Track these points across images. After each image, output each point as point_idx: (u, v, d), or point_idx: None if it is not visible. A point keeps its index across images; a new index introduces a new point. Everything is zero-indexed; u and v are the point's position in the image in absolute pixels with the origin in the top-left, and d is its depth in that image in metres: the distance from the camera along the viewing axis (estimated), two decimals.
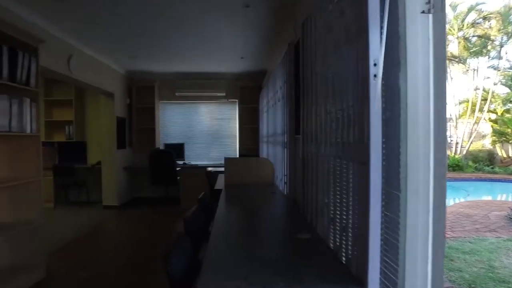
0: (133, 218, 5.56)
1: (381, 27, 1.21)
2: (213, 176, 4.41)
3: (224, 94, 6.99)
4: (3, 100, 2.67)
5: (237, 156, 6.82)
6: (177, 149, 6.69)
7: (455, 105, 14.43)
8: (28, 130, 2.99)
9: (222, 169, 6.28)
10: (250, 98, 6.87)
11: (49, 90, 6.61)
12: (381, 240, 1.24)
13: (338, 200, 1.57)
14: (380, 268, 1.22)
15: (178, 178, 6.36)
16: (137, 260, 3.64)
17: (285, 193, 3.23)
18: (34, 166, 3.13)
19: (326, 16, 1.82)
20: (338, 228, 1.57)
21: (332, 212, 1.64)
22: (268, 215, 2.34)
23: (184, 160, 6.84)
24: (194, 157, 7.12)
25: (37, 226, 3.13)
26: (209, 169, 6.41)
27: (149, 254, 3.81)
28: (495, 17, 12.92)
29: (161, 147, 7.00)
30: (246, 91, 6.87)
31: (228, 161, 3.81)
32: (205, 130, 7.22)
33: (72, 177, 6.10)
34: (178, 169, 6.33)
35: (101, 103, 6.15)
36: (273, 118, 4.39)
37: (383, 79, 1.22)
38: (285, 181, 3.35)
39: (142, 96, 6.90)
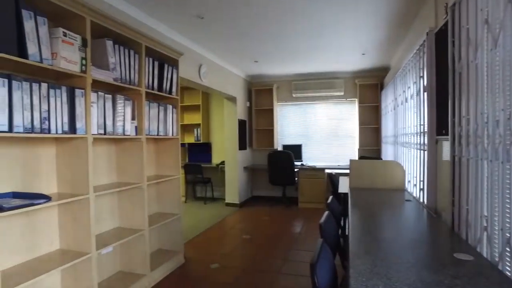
0: (253, 216, 5.80)
1: None
2: (335, 178, 4.24)
3: (342, 93, 6.74)
4: (154, 108, 3.07)
5: (357, 158, 6.48)
6: (295, 150, 6.73)
7: None
8: (170, 133, 3.38)
9: (342, 171, 6.15)
10: (370, 97, 6.46)
11: (181, 96, 7.46)
12: None
13: None
14: None
15: (296, 179, 6.39)
16: (259, 257, 3.75)
17: (422, 201, 2.87)
18: (175, 165, 3.52)
19: None
20: None
21: (508, 231, 1.34)
22: (409, 226, 2.08)
23: (301, 161, 6.84)
24: (312, 158, 7.06)
25: (177, 217, 3.50)
26: (328, 171, 6.29)
27: (270, 253, 3.89)
28: None
29: (279, 148, 7.16)
30: (365, 90, 6.48)
31: (354, 163, 3.60)
32: (323, 131, 7.07)
33: (200, 175, 6.73)
34: (296, 170, 6.37)
35: (224, 107, 6.62)
36: (402, 117, 3.99)
37: None
38: (421, 187, 2.98)
39: (261, 98, 7.18)
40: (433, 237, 1.86)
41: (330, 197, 2.74)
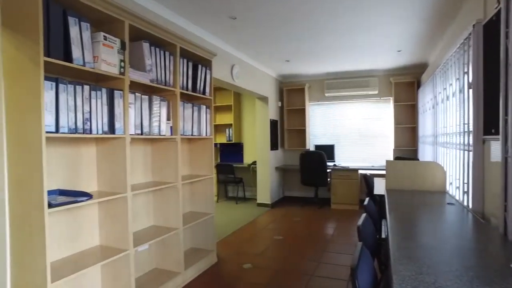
0: (284, 217, 5.76)
1: None
2: (370, 179, 4.11)
3: (376, 92, 6.53)
4: (188, 108, 3.12)
5: (391, 158, 6.26)
6: (328, 150, 6.61)
7: None
8: (204, 134, 3.41)
9: (376, 172, 5.96)
10: (406, 95, 6.22)
11: (214, 97, 7.54)
12: None
13: None
14: None
15: (329, 179, 6.27)
16: (292, 259, 3.70)
17: (467, 205, 2.71)
18: (208, 165, 3.55)
19: None
20: None
21: None
22: (455, 232, 1.96)
23: (334, 161, 6.71)
24: (344, 158, 6.90)
25: (210, 217, 3.53)
26: (361, 171, 6.12)
27: (303, 255, 3.83)
28: None
29: (311, 148, 7.07)
30: (401, 88, 6.24)
31: (390, 164, 3.47)
32: (356, 131, 6.89)
33: (231, 174, 6.77)
34: (328, 170, 6.25)
35: (256, 107, 6.63)
36: (442, 116, 3.79)
37: None
38: (465, 190, 2.81)
39: (293, 98, 7.12)
40: (484, 245, 1.73)
41: (367, 199, 2.65)
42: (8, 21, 1.91)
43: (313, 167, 6.19)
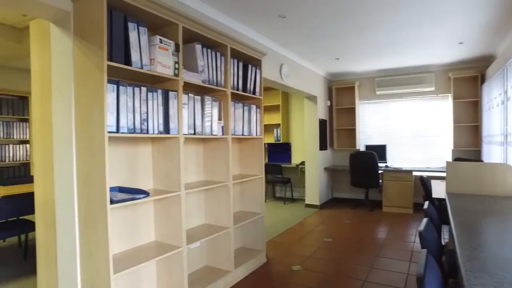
0: (334, 219, 5.60)
1: None
2: (428, 182, 3.85)
3: (432, 88, 6.11)
4: (239, 108, 3.14)
5: (450, 159, 5.83)
6: (379, 151, 6.33)
7: None
8: (254, 133, 3.41)
9: (433, 173, 5.59)
10: (467, 91, 5.75)
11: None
12: None
13: None
14: None
15: (380, 181, 6.00)
16: (342, 262, 3.58)
17: None
18: (258, 165, 3.55)
19: None
20: None
21: None
22: None
23: (386, 162, 6.40)
24: (397, 159, 6.57)
25: (260, 217, 3.53)
26: (415, 173, 5.78)
27: (353, 259, 3.69)
28: None
29: (361, 148, 6.82)
30: (461, 83, 5.78)
31: (451, 165, 3.22)
32: (409, 130, 6.52)
33: (279, 175, 6.73)
34: (380, 172, 5.98)
35: (305, 107, 6.53)
36: None
37: None
38: None
39: (342, 97, 6.92)
40: None
41: (426, 203, 2.47)
42: (78, 29, 2.05)
43: (364, 168, 5.95)
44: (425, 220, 1.91)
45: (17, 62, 5.52)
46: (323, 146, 6.62)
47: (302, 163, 6.79)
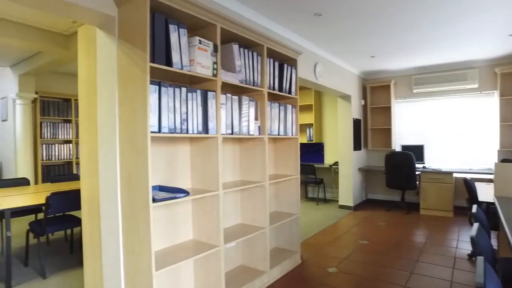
0: (368, 220, 5.46)
1: None
2: (472, 184, 3.66)
3: (476, 85, 5.80)
4: (275, 108, 3.13)
5: (496, 161, 5.51)
6: (416, 151, 6.09)
7: None
8: (290, 133, 3.39)
9: (476, 175, 5.31)
10: None
11: None
12: None
13: None
14: None
15: (417, 183, 5.78)
16: (380, 266, 3.47)
17: None
18: (294, 165, 3.52)
19: None
20: None
21: None
22: None
23: (423, 163, 6.15)
24: (435, 160, 6.29)
25: (295, 217, 3.50)
26: (456, 175, 5.52)
27: (391, 263, 3.57)
28: None
29: (397, 148, 6.60)
30: (510, 79, 5.44)
31: (500, 167, 3.03)
32: (449, 130, 6.22)
33: (312, 175, 6.65)
34: (417, 173, 5.76)
35: (338, 106, 6.41)
36: None
37: None
38: None
39: (377, 96, 6.74)
40: None
41: (474, 206, 2.35)
42: (122, 33, 2.12)
43: (401, 169, 5.75)
44: (476, 225, 1.80)
45: (63, 67, 5.83)
46: (357, 146, 6.47)
47: (336, 163, 6.67)
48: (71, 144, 6.65)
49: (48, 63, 5.04)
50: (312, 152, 7.25)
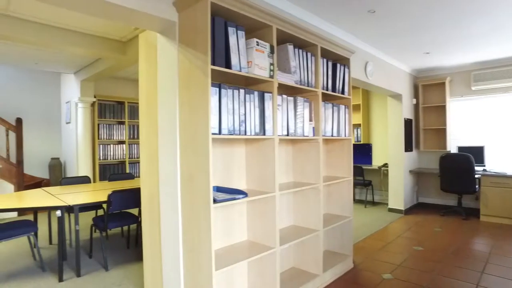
0: (421, 225, 5.18)
1: None
2: None
3: None
4: (329, 109, 3.07)
5: None
6: (475, 153, 5.70)
7: None
8: (343, 134, 3.31)
9: None
10: None
11: None
12: None
13: None
14: None
15: (477, 187, 5.39)
16: (439, 275, 3.27)
17: None
18: (347, 167, 3.43)
19: None
20: None
21: None
22: None
23: (484, 165, 5.73)
24: (497, 163, 5.84)
25: (348, 220, 3.41)
26: None
27: (452, 272, 3.35)
28: None
29: (452, 150, 6.22)
30: None
31: None
32: None
33: (360, 177, 6.46)
34: (477, 176, 5.37)
35: (388, 105, 6.16)
36: None
37: None
38: None
39: (430, 94, 6.39)
40: None
41: None
42: (183, 37, 2.19)
43: (458, 172, 5.40)
44: None
45: (119, 72, 6.18)
46: (408, 148, 6.18)
47: (385, 165, 6.42)
48: (124, 145, 7.02)
49: (106, 69, 5.37)
50: (360, 153, 7.04)
